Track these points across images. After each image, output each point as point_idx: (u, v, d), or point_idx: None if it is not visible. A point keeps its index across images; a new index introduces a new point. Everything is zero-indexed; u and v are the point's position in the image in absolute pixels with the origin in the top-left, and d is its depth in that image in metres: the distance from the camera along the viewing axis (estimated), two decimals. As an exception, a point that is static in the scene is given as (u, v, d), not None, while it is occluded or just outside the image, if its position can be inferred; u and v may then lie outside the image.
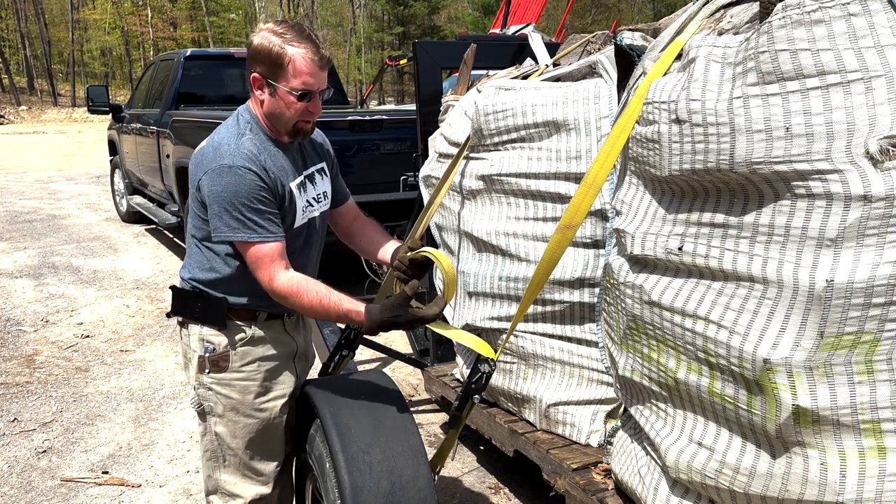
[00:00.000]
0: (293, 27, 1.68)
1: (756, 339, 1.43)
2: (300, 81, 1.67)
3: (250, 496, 1.88)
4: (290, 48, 1.65)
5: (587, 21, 31.63)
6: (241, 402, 1.83)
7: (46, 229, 8.15)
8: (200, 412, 1.87)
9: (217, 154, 1.69)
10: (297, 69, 1.66)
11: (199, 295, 1.82)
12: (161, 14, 39.51)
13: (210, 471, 1.89)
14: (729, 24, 1.72)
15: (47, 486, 2.87)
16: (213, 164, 1.68)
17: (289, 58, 1.65)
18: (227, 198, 1.66)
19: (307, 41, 1.66)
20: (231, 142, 1.70)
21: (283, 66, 1.65)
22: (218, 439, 1.85)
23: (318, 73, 1.68)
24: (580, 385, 2.40)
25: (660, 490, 1.77)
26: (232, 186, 1.65)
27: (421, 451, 1.75)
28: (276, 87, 1.68)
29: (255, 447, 1.87)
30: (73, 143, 20.03)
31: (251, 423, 1.85)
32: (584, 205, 1.74)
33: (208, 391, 1.83)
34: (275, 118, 1.74)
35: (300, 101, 1.69)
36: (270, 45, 1.65)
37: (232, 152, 1.68)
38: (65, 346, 4.46)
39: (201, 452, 1.91)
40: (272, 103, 1.72)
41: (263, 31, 1.69)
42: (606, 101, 2.28)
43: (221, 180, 1.66)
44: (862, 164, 1.30)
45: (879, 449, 1.38)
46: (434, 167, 3.01)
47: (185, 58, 6.65)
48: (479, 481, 2.87)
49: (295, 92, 1.67)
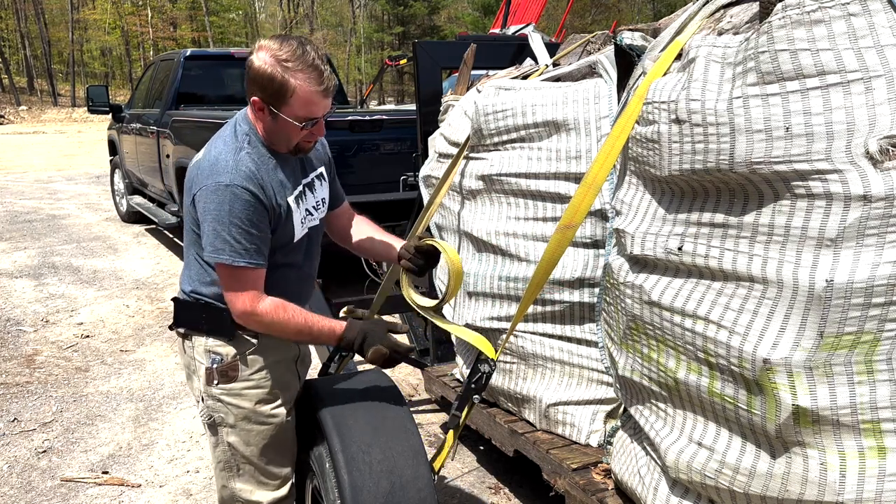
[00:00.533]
0: (297, 51, 1.57)
1: (756, 339, 1.43)
2: (304, 112, 1.61)
3: (267, 501, 1.87)
4: (294, 79, 1.57)
5: (587, 21, 31.62)
6: (252, 411, 1.80)
7: (46, 229, 8.15)
8: (211, 424, 1.83)
9: (214, 170, 1.63)
10: (301, 100, 1.59)
11: (204, 306, 1.77)
12: (161, 14, 39.50)
13: (224, 481, 1.87)
14: (729, 24, 1.72)
15: (47, 486, 2.87)
16: (209, 180, 1.62)
17: (292, 89, 1.58)
18: (220, 217, 1.60)
19: (311, 69, 1.58)
20: (229, 157, 1.64)
21: (285, 96, 1.59)
22: (231, 449, 1.82)
23: (322, 101, 1.62)
24: (580, 385, 2.40)
25: (660, 490, 1.77)
26: (226, 205, 1.60)
27: (421, 451, 1.75)
28: (278, 114, 1.62)
29: (270, 453, 1.85)
30: (73, 143, 20.04)
31: (264, 429, 1.82)
32: (584, 205, 1.74)
33: (218, 402, 1.79)
34: (275, 137, 1.69)
35: (304, 129, 1.65)
36: (273, 72, 1.57)
37: (230, 169, 1.61)
38: (65, 346, 4.46)
39: (213, 463, 1.88)
40: (273, 126, 1.66)
41: (264, 51, 1.59)
42: (606, 101, 2.28)
43: (216, 198, 1.60)
44: (862, 164, 1.30)
45: (879, 449, 1.38)
46: (434, 167, 3.01)
47: (185, 58, 6.65)
48: (479, 481, 2.87)
49: (298, 122, 1.63)
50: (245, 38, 42.65)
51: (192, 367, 1.84)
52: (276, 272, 1.77)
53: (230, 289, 1.67)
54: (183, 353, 1.87)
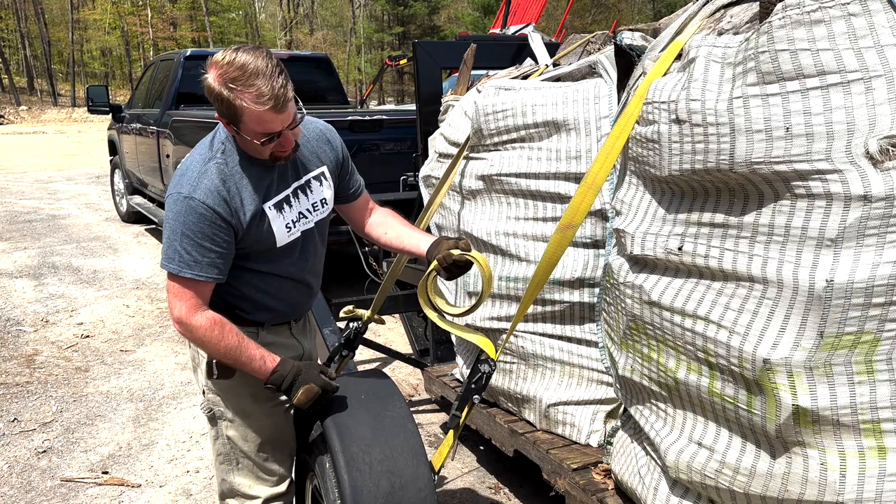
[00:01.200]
0: (241, 69, 1.51)
1: (756, 339, 1.43)
2: (260, 129, 1.57)
3: (265, 496, 1.89)
4: (240, 100, 1.52)
5: (587, 21, 31.63)
6: (251, 406, 1.82)
7: (46, 229, 8.15)
8: (211, 417, 1.86)
9: (180, 180, 1.64)
10: (253, 120, 1.55)
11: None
12: (161, 14, 39.50)
13: (224, 474, 1.89)
14: (729, 24, 1.72)
15: (47, 486, 2.87)
16: (173, 189, 1.64)
17: (240, 109, 1.53)
18: (175, 227, 1.61)
19: (256, 88, 1.51)
20: (196, 168, 1.64)
21: (238, 116, 1.55)
22: (230, 443, 1.85)
23: (276, 117, 1.55)
24: (580, 385, 2.40)
25: (660, 490, 1.77)
26: (181, 216, 1.60)
27: (421, 451, 1.75)
28: (239, 131, 1.60)
29: (268, 448, 1.87)
30: (73, 143, 20.04)
31: (262, 425, 1.85)
32: (584, 205, 1.74)
33: (217, 396, 1.83)
34: (247, 149, 1.67)
35: (267, 144, 1.61)
36: (220, 92, 1.53)
37: (192, 181, 1.61)
38: (65, 346, 4.46)
39: (213, 456, 1.91)
40: (241, 140, 1.64)
41: (213, 69, 1.54)
42: (606, 101, 2.28)
43: (175, 208, 1.62)
44: (862, 164, 1.30)
45: (879, 449, 1.38)
46: (434, 167, 3.01)
47: (185, 58, 6.65)
48: (479, 481, 2.87)
49: (258, 139, 1.59)
50: (245, 39, 42.68)
51: (196, 359, 1.87)
52: (264, 278, 1.77)
53: (173, 295, 1.66)
54: (189, 346, 1.90)
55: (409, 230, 1.97)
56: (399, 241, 1.96)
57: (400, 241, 1.95)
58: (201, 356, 1.83)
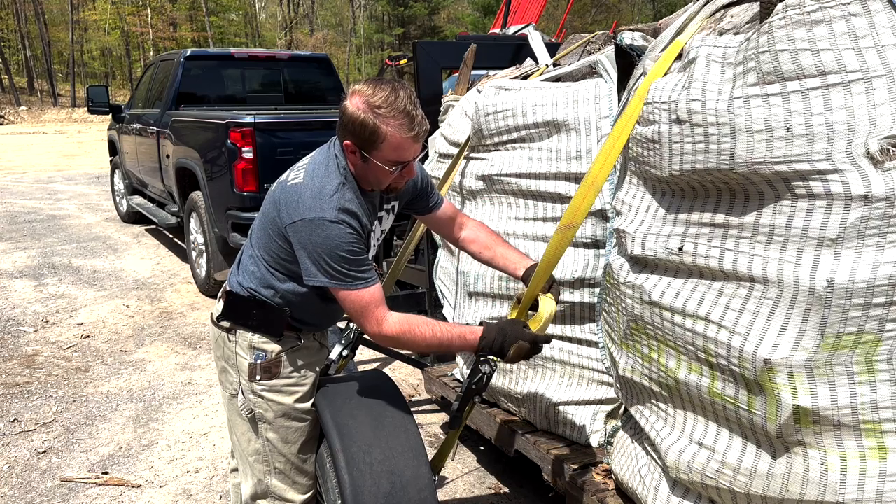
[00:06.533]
0: (389, 97, 1.60)
1: (756, 339, 1.43)
2: (395, 157, 1.64)
3: (300, 500, 1.91)
4: (385, 125, 1.60)
5: (587, 21, 31.63)
6: (291, 407, 1.85)
7: (46, 229, 8.15)
8: (251, 419, 1.87)
9: (317, 203, 1.65)
10: (392, 146, 1.62)
11: (259, 303, 1.81)
12: (161, 14, 39.50)
13: (260, 475, 1.91)
14: (729, 24, 1.72)
15: (47, 486, 2.86)
16: (313, 213, 1.64)
17: (383, 136, 1.61)
18: (328, 250, 1.63)
19: (403, 115, 1.61)
20: (332, 191, 1.67)
21: (377, 142, 1.62)
22: (269, 445, 1.87)
23: (413, 146, 1.65)
24: (580, 385, 2.40)
25: (660, 490, 1.76)
26: (333, 240, 1.63)
27: (421, 451, 1.75)
28: (370, 158, 1.65)
29: (306, 450, 1.90)
30: (73, 144, 20.04)
31: (302, 426, 1.87)
32: (584, 205, 1.74)
33: (259, 398, 1.84)
34: (365, 178, 1.72)
35: (393, 173, 1.68)
36: (365, 119, 1.60)
37: (334, 206, 1.65)
38: (65, 347, 4.46)
39: (248, 455, 1.91)
40: (364, 169, 1.69)
41: (357, 96, 1.62)
42: (606, 101, 2.28)
43: (322, 233, 1.63)
44: (862, 164, 1.30)
45: (880, 449, 1.38)
46: (434, 167, 3.02)
47: (185, 58, 6.64)
48: (479, 481, 2.87)
49: (389, 167, 1.66)
50: (245, 39, 42.68)
51: (232, 360, 1.87)
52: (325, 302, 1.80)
53: (356, 313, 1.70)
54: (221, 346, 1.89)
55: (503, 249, 2.02)
56: (495, 262, 2.02)
57: (496, 262, 2.02)
58: (240, 358, 1.84)
